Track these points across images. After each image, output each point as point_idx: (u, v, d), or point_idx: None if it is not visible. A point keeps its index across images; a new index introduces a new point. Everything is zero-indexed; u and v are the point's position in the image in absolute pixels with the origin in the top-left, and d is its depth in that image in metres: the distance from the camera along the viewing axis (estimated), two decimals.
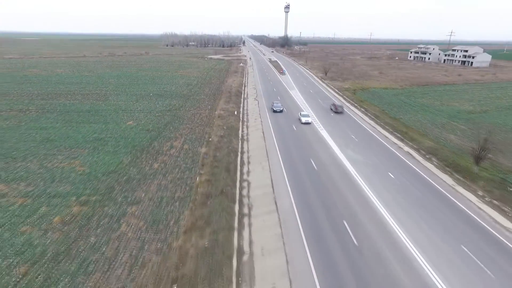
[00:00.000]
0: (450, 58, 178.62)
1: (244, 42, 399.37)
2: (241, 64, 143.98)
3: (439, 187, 30.62)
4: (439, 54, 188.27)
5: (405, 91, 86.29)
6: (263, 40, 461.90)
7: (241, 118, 55.57)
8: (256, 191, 29.66)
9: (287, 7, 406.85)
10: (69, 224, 23.86)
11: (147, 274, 19.12)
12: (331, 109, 62.03)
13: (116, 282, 18.51)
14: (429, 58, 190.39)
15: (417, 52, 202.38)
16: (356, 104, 68.43)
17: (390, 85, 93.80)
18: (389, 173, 33.11)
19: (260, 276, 19.26)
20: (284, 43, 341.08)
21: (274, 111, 59.83)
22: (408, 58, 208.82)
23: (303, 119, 52.51)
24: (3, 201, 26.67)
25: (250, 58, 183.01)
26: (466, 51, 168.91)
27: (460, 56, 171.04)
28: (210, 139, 42.74)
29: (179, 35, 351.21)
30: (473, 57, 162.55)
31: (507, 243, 22.25)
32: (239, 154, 39.12)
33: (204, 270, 19.21)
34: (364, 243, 21.71)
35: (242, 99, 71.59)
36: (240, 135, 46.40)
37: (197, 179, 31.23)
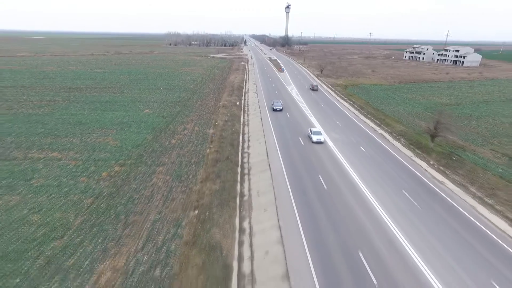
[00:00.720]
0: (442, 58, 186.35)
1: (245, 42, 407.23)
2: (243, 63, 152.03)
3: (399, 157, 38.73)
4: (433, 54, 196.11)
5: (393, 87, 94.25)
6: (264, 39, 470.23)
7: (242, 108, 63.66)
8: (254, 159, 37.78)
9: (288, 7, 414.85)
10: (114, 177, 31.99)
11: (176, 204, 27.25)
12: (310, 88, 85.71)
13: (155, 208, 26.62)
14: (423, 58, 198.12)
15: (412, 52, 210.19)
16: (345, 98, 76.45)
17: (379, 82, 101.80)
18: (361, 147, 41.24)
19: (256, 206, 27.40)
20: (284, 43, 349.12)
21: (274, 110, 60.45)
22: (404, 57, 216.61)
23: (315, 138, 41.97)
24: (61, 162, 34.85)
25: (251, 57, 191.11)
26: (458, 51, 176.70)
27: (452, 56, 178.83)
28: (216, 123, 50.86)
29: (182, 34, 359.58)
30: (464, 57, 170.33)
31: (436, 189, 30.44)
32: (241, 134, 47.23)
33: (216, 202, 27.30)
34: (332, 188, 29.89)
35: (243, 93, 79.68)
36: (241, 121, 54.49)
37: (208, 150, 39.38)
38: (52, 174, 32.05)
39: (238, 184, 31.53)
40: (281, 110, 60.90)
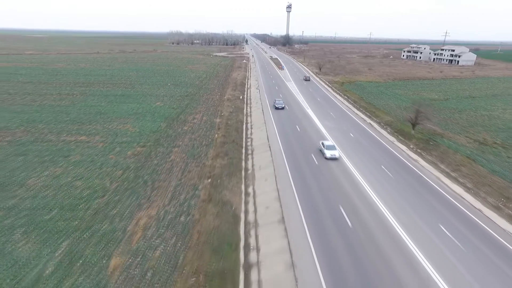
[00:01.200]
0: (439, 57, 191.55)
1: (247, 41, 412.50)
2: (244, 61, 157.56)
3: (383, 142, 44.36)
4: (430, 53, 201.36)
5: (387, 84, 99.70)
6: (265, 39, 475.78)
7: (245, 102, 69.29)
8: (257, 142, 43.43)
9: (289, 6, 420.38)
10: (137, 155, 37.64)
11: (192, 174, 32.90)
12: (303, 79, 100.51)
13: (175, 177, 32.26)
14: (420, 57, 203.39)
15: (410, 51, 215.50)
16: (340, 93, 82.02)
17: (374, 79, 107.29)
18: (350, 134, 46.91)
19: (259, 177, 33.06)
20: (285, 42, 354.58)
21: (276, 108, 61.60)
22: (401, 57, 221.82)
23: (328, 153, 36.49)
24: (90, 144, 40.53)
25: (252, 55, 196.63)
26: (453, 50, 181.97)
27: (447, 55, 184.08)
28: (222, 114, 56.50)
29: (184, 33, 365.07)
30: (459, 56, 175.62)
31: (410, 165, 36.16)
32: (244, 123, 52.87)
33: (225, 173, 32.95)
34: (321, 163, 35.57)
35: (246, 89, 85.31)
36: (245, 112, 60.13)
37: (216, 135, 45.04)
38: (85, 152, 37.73)
39: (243, 161, 37.17)
40: (282, 108, 61.70)
